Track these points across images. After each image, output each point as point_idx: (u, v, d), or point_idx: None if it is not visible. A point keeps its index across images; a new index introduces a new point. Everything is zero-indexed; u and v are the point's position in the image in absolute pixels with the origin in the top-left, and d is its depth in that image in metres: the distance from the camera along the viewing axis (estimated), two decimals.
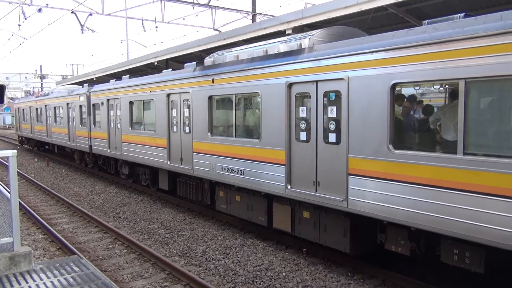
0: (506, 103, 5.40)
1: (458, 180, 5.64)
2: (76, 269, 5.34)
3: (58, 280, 4.98)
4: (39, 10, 18.82)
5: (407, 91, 6.71)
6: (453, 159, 5.71)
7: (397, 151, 6.39)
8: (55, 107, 23.42)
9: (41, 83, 61.04)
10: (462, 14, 6.00)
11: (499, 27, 5.18)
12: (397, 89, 6.51)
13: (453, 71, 5.64)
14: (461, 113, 5.62)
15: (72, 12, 19.70)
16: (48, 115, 24.89)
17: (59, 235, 9.98)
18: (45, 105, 25.17)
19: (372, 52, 6.65)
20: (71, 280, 4.99)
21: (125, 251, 9.34)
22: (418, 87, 6.54)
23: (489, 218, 5.33)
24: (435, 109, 6.47)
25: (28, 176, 19.19)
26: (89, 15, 20.19)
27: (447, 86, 6.22)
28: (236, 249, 9.19)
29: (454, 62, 5.61)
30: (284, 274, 7.79)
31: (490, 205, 5.32)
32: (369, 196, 6.77)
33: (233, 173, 9.67)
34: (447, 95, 6.32)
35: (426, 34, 6.00)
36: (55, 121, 23.55)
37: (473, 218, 5.48)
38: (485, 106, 5.67)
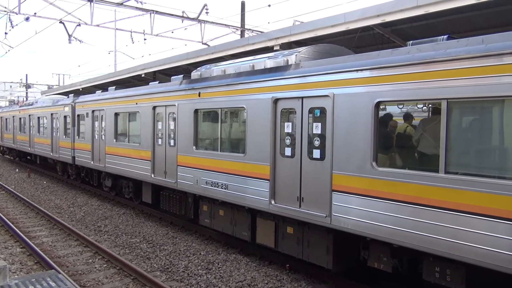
0: (486, 124, 5.51)
1: (440, 198, 5.70)
2: (53, 284, 5.21)
3: None
4: (27, 19, 18.67)
5: (391, 109, 6.80)
6: (435, 177, 5.77)
7: (380, 169, 6.44)
8: (39, 117, 23.12)
9: (26, 93, 60.28)
10: (445, 36, 6.14)
11: (480, 50, 5.30)
12: (381, 107, 6.59)
13: (436, 91, 5.74)
14: (443, 133, 5.70)
15: (60, 22, 19.58)
16: (31, 125, 24.55)
17: (37, 249, 9.75)
18: (29, 115, 24.83)
19: (357, 70, 6.74)
20: None
21: (105, 265, 9.16)
22: (402, 106, 6.64)
23: (470, 237, 5.37)
24: (418, 128, 6.56)
25: (8, 187, 18.81)
26: (77, 25, 20.07)
27: (430, 105, 6.32)
28: (218, 264, 9.09)
29: (437, 83, 5.72)
30: None
31: (471, 224, 5.37)
32: (353, 212, 6.79)
33: (217, 187, 9.62)
34: (429, 115, 6.42)
35: (410, 55, 6.12)
36: (39, 131, 23.23)
37: (454, 236, 5.52)
38: (466, 126, 5.77)
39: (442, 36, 6.17)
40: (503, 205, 5.09)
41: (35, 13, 18.63)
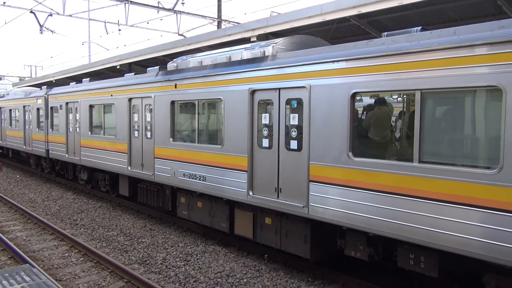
0: (458, 114, 5.64)
1: (414, 187, 5.82)
2: (27, 278, 5.11)
3: None
4: None
5: (366, 100, 6.88)
6: (409, 167, 5.89)
7: (356, 159, 6.52)
8: (10, 110, 22.51)
9: None
10: (419, 28, 6.23)
11: (452, 41, 5.41)
12: (357, 98, 6.66)
13: (410, 82, 5.83)
14: (417, 123, 5.81)
15: (31, 12, 19.01)
16: (3, 118, 23.89)
17: (10, 243, 9.53)
18: (0, 108, 24.15)
19: (333, 61, 6.78)
20: None
21: (82, 259, 9.04)
22: (377, 97, 6.73)
23: (443, 225, 5.52)
24: (393, 119, 6.67)
25: None
26: (49, 15, 19.52)
27: (404, 96, 6.43)
28: (197, 256, 9.09)
29: (411, 74, 5.81)
30: (245, 280, 7.76)
31: (444, 212, 5.51)
32: (330, 202, 6.87)
33: (195, 179, 9.58)
34: (404, 105, 6.54)
35: (384, 46, 6.19)
36: (10, 124, 22.62)
37: (429, 224, 5.66)
38: (439, 116, 5.89)
39: (416, 28, 6.25)
40: (475, 193, 5.23)
41: (4, 2, 18.05)
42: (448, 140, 5.75)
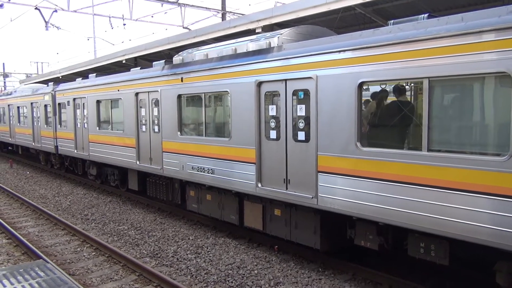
0: (467, 102, 5.60)
1: (423, 176, 5.80)
2: (42, 274, 5.19)
3: (22, 286, 4.82)
4: (1, 5, 18.14)
5: (374, 89, 6.84)
6: (418, 155, 5.86)
7: (364, 149, 6.51)
8: (18, 107, 22.67)
9: (4, 82, 58.84)
10: (426, 15, 6.16)
11: (460, 28, 5.35)
12: (364, 87, 6.63)
13: (418, 70, 5.79)
14: (425, 111, 5.78)
15: (36, 8, 19.07)
16: (11, 115, 24.07)
17: (23, 239, 9.68)
18: (8, 105, 24.33)
19: (340, 51, 6.74)
20: (36, 285, 4.84)
21: (93, 253, 9.15)
22: (384, 86, 6.69)
23: (453, 212, 5.50)
24: (401, 107, 6.63)
25: None
26: (54, 11, 19.59)
27: (412, 84, 6.38)
28: (207, 248, 9.16)
29: (418, 62, 5.76)
30: (256, 271, 7.82)
31: (453, 200, 5.50)
32: (338, 193, 6.88)
33: (204, 172, 9.62)
34: (412, 93, 6.49)
35: (391, 34, 6.14)
36: (19, 121, 22.80)
37: (438, 212, 5.65)
38: (448, 104, 5.85)
39: (423, 15, 6.18)
40: (484, 181, 5.21)
41: (9, 0, 18.11)
42: (457, 128, 5.72)
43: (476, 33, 5.18)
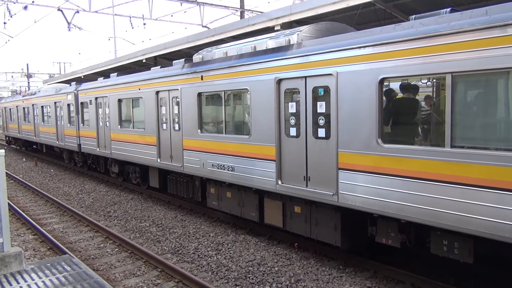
0: (491, 97, 5.50)
1: (446, 172, 5.73)
2: (68, 268, 5.33)
3: (50, 280, 4.96)
4: (25, 7, 18.57)
5: (395, 85, 6.77)
6: (441, 152, 5.79)
7: (386, 145, 6.45)
8: (42, 106, 23.19)
9: (28, 82, 60.25)
10: (448, 9, 6.07)
11: (484, 21, 5.25)
12: (385, 83, 6.57)
13: (440, 65, 5.71)
14: (448, 107, 5.70)
15: (59, 10, 19.47)
16: (35, 114, 24.63)
17: (49, 235, 9.92)
18: (32, 104, 24.90)
19: (360, 47, 6.70)
20: (63, 279, 4.97)
21: (116, 249, 9.31)
22: (406, 82, 6.61)
23: (477, 209, 5.42)
24: (423, 103, 6.55)
25: (16, 177, 19.00)
26: (75, 12, 19.97)
27: (434, 80, 6.29)
28: (228, 245, 9.22)
29: (441, 57, 5.68)
30: (276, 268, 7.84)
31: (477, 197, 5.41)
32: (359, 190, 6.84)
33: (224, 169, 9.68)
34: (434, 89, 6.40)
35: (413, 29, 6.06)
36: (43, 120, 23.33)
37: (462, 209, 5.57)
38: (471, 100, 5.76)
39: (445, 9, 6.09)
40: (509, 177, 5.11)
41: (33, 2, 18.52)
42: (481, 123, 5.61)
43: (501, 26, 5.08)
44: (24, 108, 27.00)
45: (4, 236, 5.30)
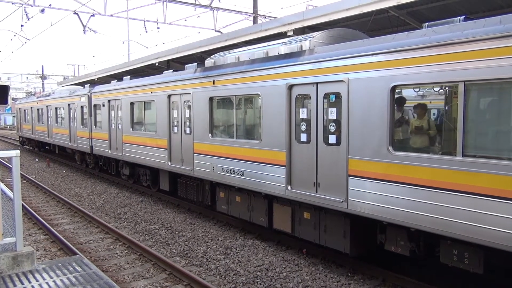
0: (505, 106, 5.45)
1: (457, 181, 5.69)
2: (79, 269, 5.38)
3: (61, 280, 5.01)
4: (42, 10, 18.88)
5: (407, 93, 6.76)
6: (452, 160, 5.75)
7: (396, 153, 6.43)
8: (56, 108, 23.49)
9: (43, 84, 61.11)
10: (462, 17, 6.05)
11: (498, 30, 5.23)
12: (397, 91, 6.55)
13: (453, 73, 5.69)
14: (460, 115, 5.67)
15: (75, 13, 19.76)
16: (49, 115, 24.95)
17: (60, 236, 10.03)
18: (47, 106, 25.23)
19: (372, 54, 6.70)
20: (73, 280, 5.03)
21: (126, 251, 9.38)
22: (418, 89, 6.59)
23: (487, 219, 5.37)
24: (435, 111, 6.52)
25: (29, 177, 19.24)
26: (91, 16, 20.24)
27: (446, 88, 6.27)
28: (236, 249, 9.24)
29: (454, 65, 5.66)
30: (284, 274, 7.83)
31: (488, 207, 5.36)
32: (369, 197, 6.82)
33: (234, 174, 9.71)
34: (446, 97, 6.37)
35: (426, 37, 6.05)
36: (56, 122, 23.62)
37: (472, 219, 5.52)
38: (484, 109, 5.72)
39: (459, 17, 6.08)
40: None
41: (50, 5, 18.82)
42: (494, 133, 5.57)
43: None
44: (38, 109, 27.37)
45: (17, 235, 5.37)
